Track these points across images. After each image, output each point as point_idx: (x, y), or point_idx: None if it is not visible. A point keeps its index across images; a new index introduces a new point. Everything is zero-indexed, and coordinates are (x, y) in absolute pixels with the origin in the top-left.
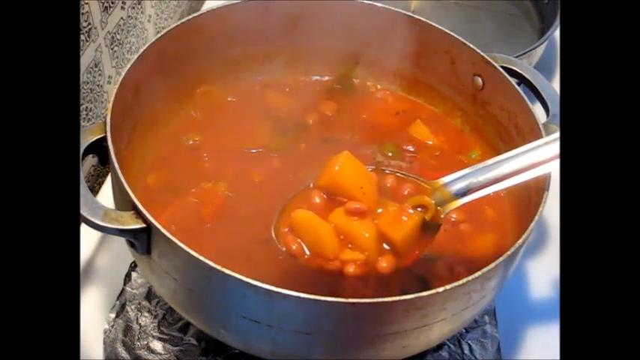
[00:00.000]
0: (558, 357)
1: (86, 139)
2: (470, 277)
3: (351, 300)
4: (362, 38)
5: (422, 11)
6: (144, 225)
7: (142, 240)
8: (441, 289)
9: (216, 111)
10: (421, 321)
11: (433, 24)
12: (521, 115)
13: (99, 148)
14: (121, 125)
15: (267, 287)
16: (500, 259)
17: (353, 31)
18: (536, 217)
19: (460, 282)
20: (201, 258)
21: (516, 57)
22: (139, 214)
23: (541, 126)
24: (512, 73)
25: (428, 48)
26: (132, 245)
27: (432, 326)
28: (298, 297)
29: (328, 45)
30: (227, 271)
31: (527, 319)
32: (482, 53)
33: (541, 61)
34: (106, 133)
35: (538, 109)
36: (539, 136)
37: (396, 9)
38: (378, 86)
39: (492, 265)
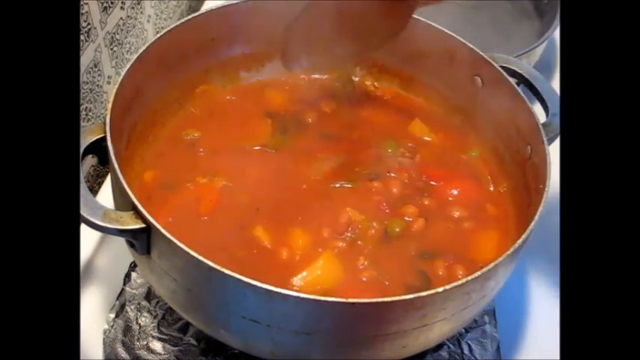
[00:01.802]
0: (558, 357)
1: (86, 139)
2: (470, 277)
3: (350, 300)
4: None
5: (422, 11)
6: (143, 225)
7: (142, 240)
8: (440, 289)
9: (215, 110)
10: (421, 321)
11: (433, 24)
12: (521, 115)
13: (99, 148)
14: (121, 125)
15: (267, 287)
16: (500, 258)
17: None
18: (536, 217)
19: (460, 282)
20: (201, 258)
21: (516, 57)
22: (139, 215)
23: (541, 126)
24: (512, 73)
25: (428, 48)
26: (131, 245)
27: (431, 326)
28: (298, 297)
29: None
30: (227, 271)
31: (527, 319)
32: (481, 53)
33: (541, 61)
34: (105, 133)
35: (538, 109)
36: (539, 136)
37: None
38: (377, 85)
39: (492, 265)
